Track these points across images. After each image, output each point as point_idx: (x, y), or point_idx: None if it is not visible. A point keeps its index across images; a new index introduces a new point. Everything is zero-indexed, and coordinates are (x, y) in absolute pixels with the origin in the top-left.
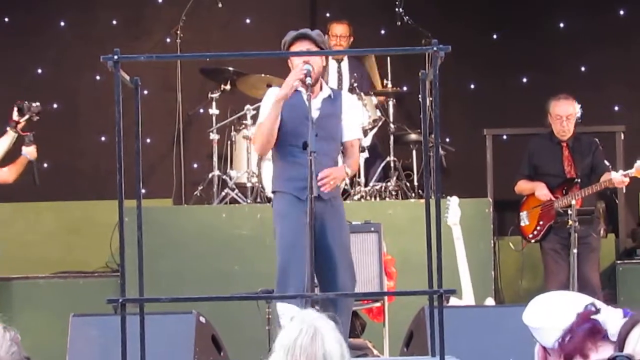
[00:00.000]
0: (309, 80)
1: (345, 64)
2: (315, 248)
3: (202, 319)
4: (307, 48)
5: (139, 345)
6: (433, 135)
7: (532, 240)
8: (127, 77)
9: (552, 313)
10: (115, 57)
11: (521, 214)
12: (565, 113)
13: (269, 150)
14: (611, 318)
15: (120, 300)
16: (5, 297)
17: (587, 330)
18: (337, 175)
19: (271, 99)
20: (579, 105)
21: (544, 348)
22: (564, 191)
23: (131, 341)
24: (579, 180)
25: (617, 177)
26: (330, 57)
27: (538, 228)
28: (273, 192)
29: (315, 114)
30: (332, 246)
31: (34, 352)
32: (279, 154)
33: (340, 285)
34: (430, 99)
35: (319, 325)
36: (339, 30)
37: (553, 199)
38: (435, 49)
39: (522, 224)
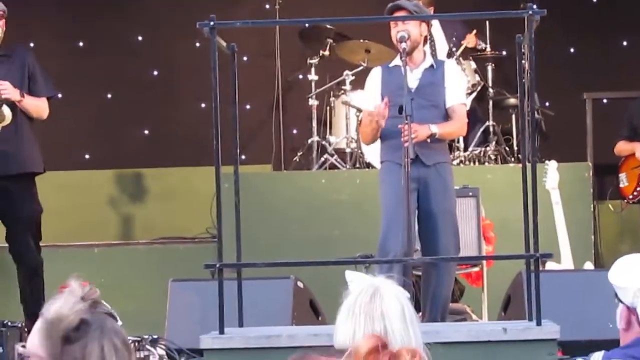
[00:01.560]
0: (404, 46)
1: (436, 29)
2: (418, 213)
3: (299, 284)
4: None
5: (237, 310)
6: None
7: (633, 201)
8: (224, 44)
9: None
10: (212, 23)
11: (620, 175)
12: None
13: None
14: None
15: (218, 266)
16: (106, 263)
17: None
18: (419, 131)
19: (375, 81)
20: None
21: (628, 308)
22: None
23: (229, 306)
24: None
25: None
26: None
27: (638, 189)
28: (380, 162)
29: (414, 83)
30: (435, 211)
31: (135, 317)
32: (384, 127)
33: (441, 250)
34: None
35: (379, 285)
36: None
37: None
38: (530, 12)
39: (621, 185)
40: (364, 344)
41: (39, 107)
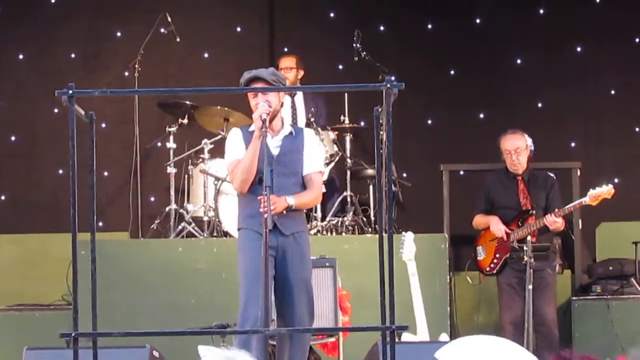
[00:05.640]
0: (264, 116)
1: (299, 98)
2: (275, 281)
3: (155, 353)
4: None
5: None
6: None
7: (489, 274)
8: (82, 112)
9: (459, 351)
10: (70, 91)
11: (477, 248)
12: (512, 147)
13: (248, 186)
14: None
15: (73, 335)
16: None
17: None
18: (277, 204)
19: (238, 138)
20: (530, 140)
21: None
22: (519, 223)
23: None
24: (534, 212)
25: (548, 219)
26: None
27: (495, 261)
28: (238, 229)
29: (275, 151)
30: (292, 280)
31: None
32: (243, 196)
33: (297, 320)
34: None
35: (234, 356)
36: (285, 62)
37: (508, 231)
38: (388, 85)
39: (478, 257)
40: None
41: None
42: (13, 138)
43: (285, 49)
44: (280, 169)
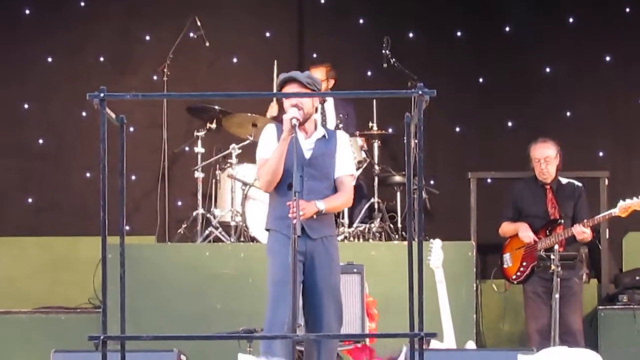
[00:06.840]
0: (294, 122)
1: (329, 105)
2: (303, 286)
3: (183, 358)
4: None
5: None
6: (417, 178)
7: (515, 282)
8: (113, 115)
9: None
10: (102, 94)
11: (504, 255)
12: (542, 156)
13: (274, 187)
14: None
15: (102, 338)
16: None
17: None
18: (306, 209)
19: (271, 135)
20: (556, 150)
21: None
22: (547, 232)
23: None
24: (562, 221)
25: (576, 229)
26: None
27: (521, 269)
28: (267, 229)
29: (307, 154)
30: (320, 285)
31: None
32: (273, 192)
33: (325, 325)
34: (415, 141)
35: None
36: (316, 74)
37: (536, 240)
38: (420, 92)
39: (505, 265)
40: None
41: None
42: (41, 141)
43: (314, 55)
44: (312, 172)
